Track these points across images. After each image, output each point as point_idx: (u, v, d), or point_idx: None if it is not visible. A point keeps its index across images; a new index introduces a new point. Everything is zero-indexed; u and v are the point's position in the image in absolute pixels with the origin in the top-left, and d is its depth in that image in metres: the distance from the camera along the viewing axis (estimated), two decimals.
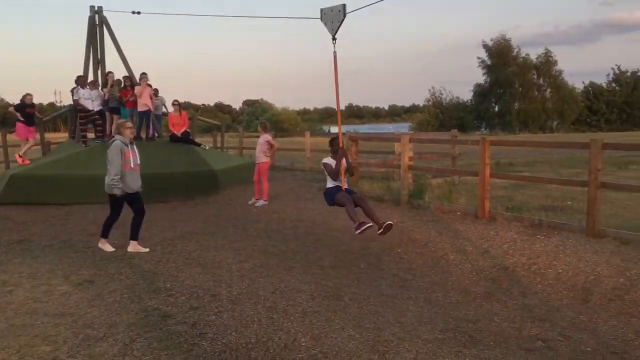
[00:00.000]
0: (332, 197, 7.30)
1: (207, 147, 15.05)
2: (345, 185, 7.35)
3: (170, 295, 5.66)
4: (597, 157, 7.29)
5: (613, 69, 64.96)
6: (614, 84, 64.44)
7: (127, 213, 7.70)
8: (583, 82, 70.15)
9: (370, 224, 6.88)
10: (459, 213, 9.16)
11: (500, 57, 62.57)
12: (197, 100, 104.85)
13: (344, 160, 7.27)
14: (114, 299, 5.53)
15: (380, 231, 6.95)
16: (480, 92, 64.46)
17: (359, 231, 6.81)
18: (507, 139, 28.29)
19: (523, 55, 63.48)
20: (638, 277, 5.77)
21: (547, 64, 63.04)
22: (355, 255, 7.61)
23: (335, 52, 7.18)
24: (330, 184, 7.40)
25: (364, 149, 17.94)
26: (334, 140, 7.49)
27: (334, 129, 65.14)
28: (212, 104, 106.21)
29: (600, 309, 5.40)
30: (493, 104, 64.39)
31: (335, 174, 7.28)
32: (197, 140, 15.60)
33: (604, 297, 5.59)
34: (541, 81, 63.48)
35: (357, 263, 7.22)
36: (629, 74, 63.88)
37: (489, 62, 63.83)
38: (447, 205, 9.58)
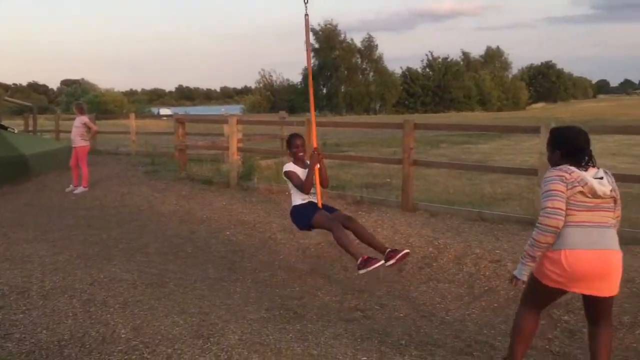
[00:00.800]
0: (306, 218, 5.30)
1: (15, 131, 13.66)
2: (321, 201, 5.43)
3: None
4: (409, 136, 7.85)
5: (427, 55, 70.74)
6: (427, 69, 70.14)
7: None
8: (401, 68, 75.40)
9: (382, 261, 4.88)
10: (287, 193, 9.31)
11: (327, 41, 64.97)
12: (6, 79, 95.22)
13: (317, 167, 5.34)
14: None
15: (390, 262, 4.91)
16: None
17: (364, 270, 4.83)
18: (330, 120, 29.52)
19: (348, 40, 66.58)
20: (444, 246, 6.33)
21: (369, 48, 66.79)
22: (183, 239, 7.43)
23: (307, 16, 5.45)
24: (298, 200, 5.45)
25: (195, 131, 17.59)
26: (295, 138, 5.50)
27: (164, 111, 62.94)
28: (24, 83, 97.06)
29: (412, 277, 5.84)
30: (321, 87, 66.77)
31: (307, 186, 5.32)
32: (5, 123, 14.10)
33: (415, 266, 6.05)
34: (364, 65, 67.15)
35: (185, 248, 7.05)
36: (440, 60, 69.91)
37: (316, 46, 65.88)
38: (276, 186, 9.72)
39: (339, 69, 64.86)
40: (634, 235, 6.05)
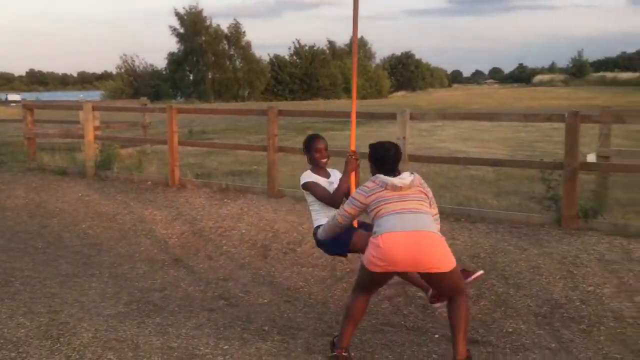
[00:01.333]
0: (341, 241, 4.05)
1: None
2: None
3: None
4: (273, 123, 7.85)
5: (294, 42, 71.21)
6: (295, 57, 70.74)
7: None
8: (269, 55, 75.44)
9: (481, 272, 3.94)
10: (149, 182, 9.00)
11: (193, 26, 63.20)
12: None
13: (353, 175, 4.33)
14: None
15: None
16: (175, 61, 64.41)
17: (441, 303, 3.85)
18: (192, 107, 28.79)
19: (214, 25, 65.29)
20: (308, 231, 6.39)
21: (236, 34, 66.00)
22: (32, 234, 6.90)
23: None
24: (323, 218, 4.21)
25: (50, 118, 16.33)
26: (316, 140, 4.41)
27: (13, 97, 57.85)
28: None
29: (277, 263, 5.87)
30: (188, 73, 65.01)
31: (337, 198, 4.20)
32: None
33: (280, 252, 6.08)
34: (232, 51, 66.31)
35: (34, 243, 6.56)
36: (307, 48, 70.81)
37: (181, 31, 63.97)
38: (137, 175, 9.32)
39: (206, 55, 63.48)
40: (480, 214, 6.53)
